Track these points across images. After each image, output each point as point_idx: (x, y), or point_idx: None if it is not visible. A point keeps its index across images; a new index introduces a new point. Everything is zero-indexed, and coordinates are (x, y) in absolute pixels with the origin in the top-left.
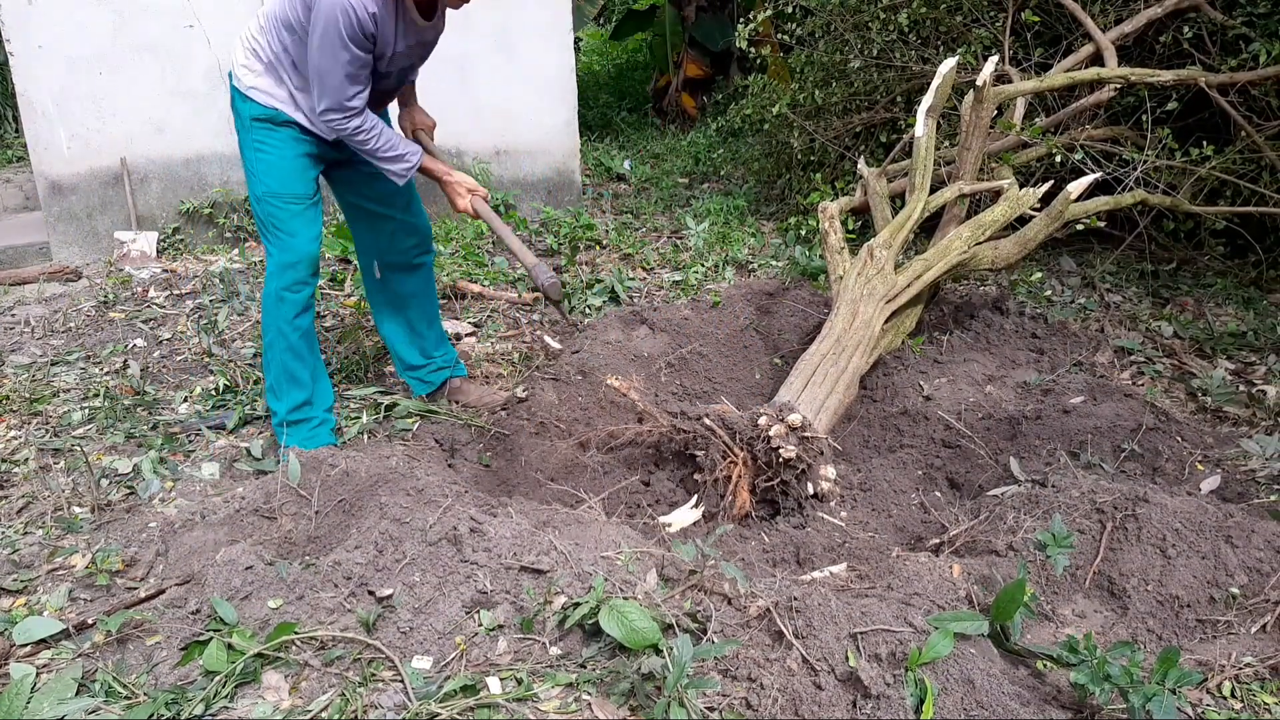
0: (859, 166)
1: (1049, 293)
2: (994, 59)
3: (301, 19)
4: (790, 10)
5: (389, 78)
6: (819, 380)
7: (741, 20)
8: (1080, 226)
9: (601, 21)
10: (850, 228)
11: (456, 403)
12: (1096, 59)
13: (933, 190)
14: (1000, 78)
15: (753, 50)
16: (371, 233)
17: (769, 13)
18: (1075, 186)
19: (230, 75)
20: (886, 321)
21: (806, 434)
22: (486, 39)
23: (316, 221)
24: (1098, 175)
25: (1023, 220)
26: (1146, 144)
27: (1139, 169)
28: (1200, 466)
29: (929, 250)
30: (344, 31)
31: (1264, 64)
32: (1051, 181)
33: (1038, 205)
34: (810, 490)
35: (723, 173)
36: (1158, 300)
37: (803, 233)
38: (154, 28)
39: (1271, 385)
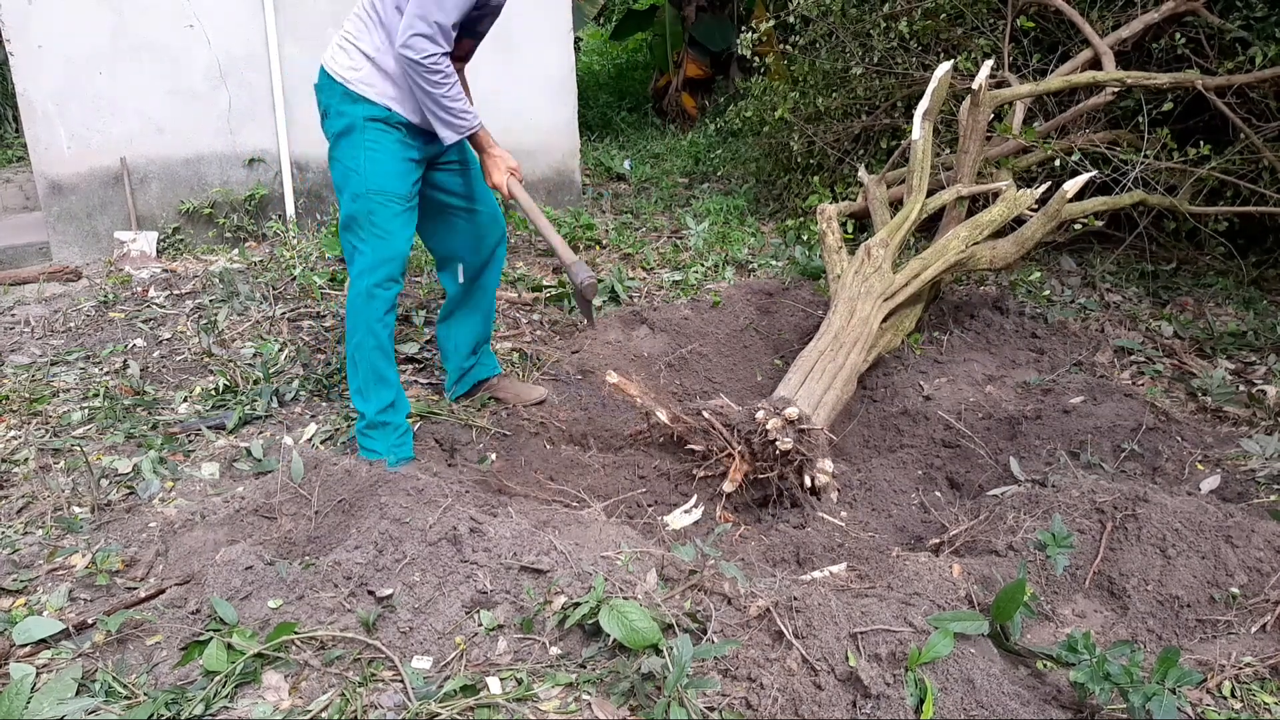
0: (860, 173)
1: (1048, 292)
2: (989, 62)
3: None
4: (792, 21)
5: (477, 29)
6: (817, 376)
7: (745, 29)
8: (1078, 227)
9: (601, 21)
10: (850, 231)
11: (495, 399)
12: (1095, 64)
13: (932, 194)
14: (1000, 84)
15: (755, 58)
16: (458, 232)
17: (771, 23)
18: (1071, 185)
19: (327, 77)
20: (885, 320)
21: (803, 427)
22: (486, 39)
23: (412, 224)
24: (1092, 174)
25: (1021, 221)
26: (1144, 146)
27: (1137, 169)
28: (1200, 466)
29: (927, 250)
30: None
31: (1260, 66)
32: (1049, 183)
33: (1035, 206)
34: (808, 483)
35: (722, 173)
36: (1158, 300)
37: (803, 237)
38: (154, 28)
39: (1271, 385)
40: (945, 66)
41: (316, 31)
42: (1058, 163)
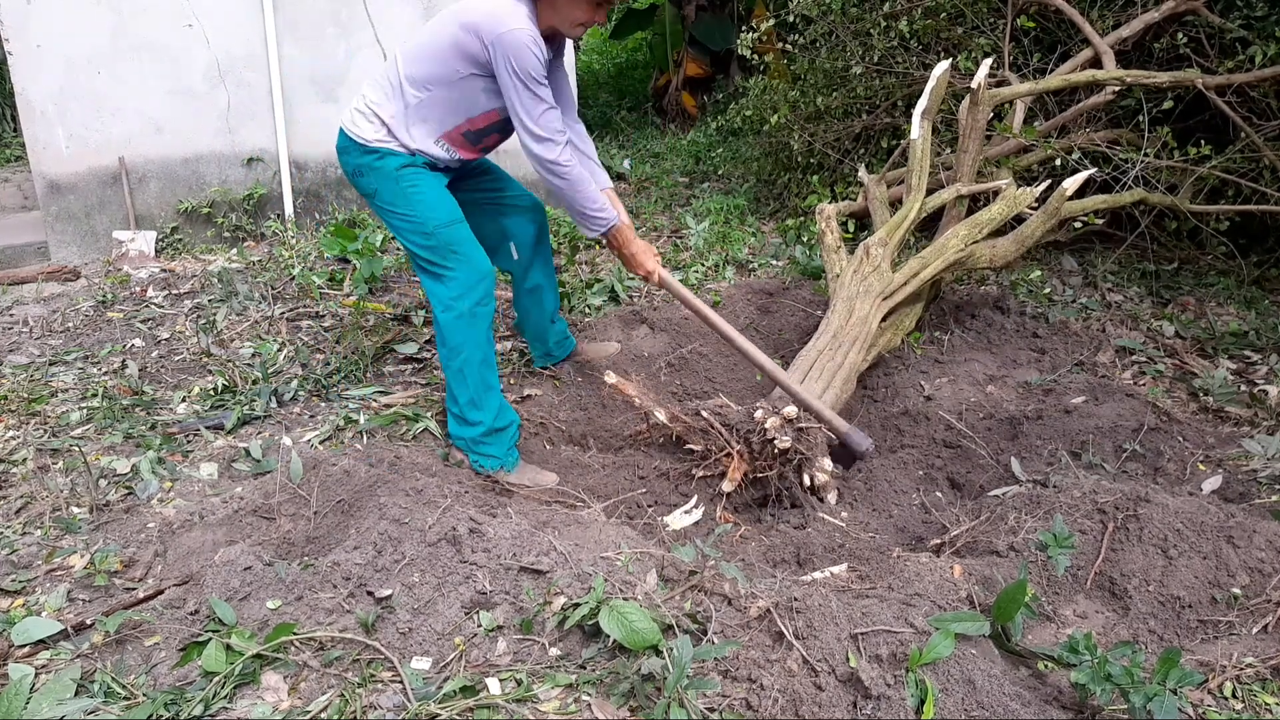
0: (860, 174)
1: (1049, 291)
2: (987, 61)
3: (461, 70)
4: (793, 21)
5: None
6: (816, 375)
7: (745, 28)
8: (1078, 225)
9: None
10: (851, 231)
11: (578, 362)
12: (1095, 64)
13: (932, 193)
14: (1000, 83)
15: (755, 57)
16: (502, 217)
17: (771, 22)
18: (1070, 183)
19: (350, 141)
20: (884, 319)
21: (802, 425)
22: None
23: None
24: (1091, 171)
25: (1021, 220)
26: (1145, 144)
27: (1137, 168)
28: (1202, 466)
29: (926, 249)
30: (534, 65)
31: (1260, 65)
32: (1050, 182)
33: (1035, 204)
34: (807, 482)
35: (722, 172)
36: (1159, 300)
37: (804, 237)
38: (153, 28)
39: (1273, 385)
40: (943, 65)
41: (316, 31)
42: (1058, 162)
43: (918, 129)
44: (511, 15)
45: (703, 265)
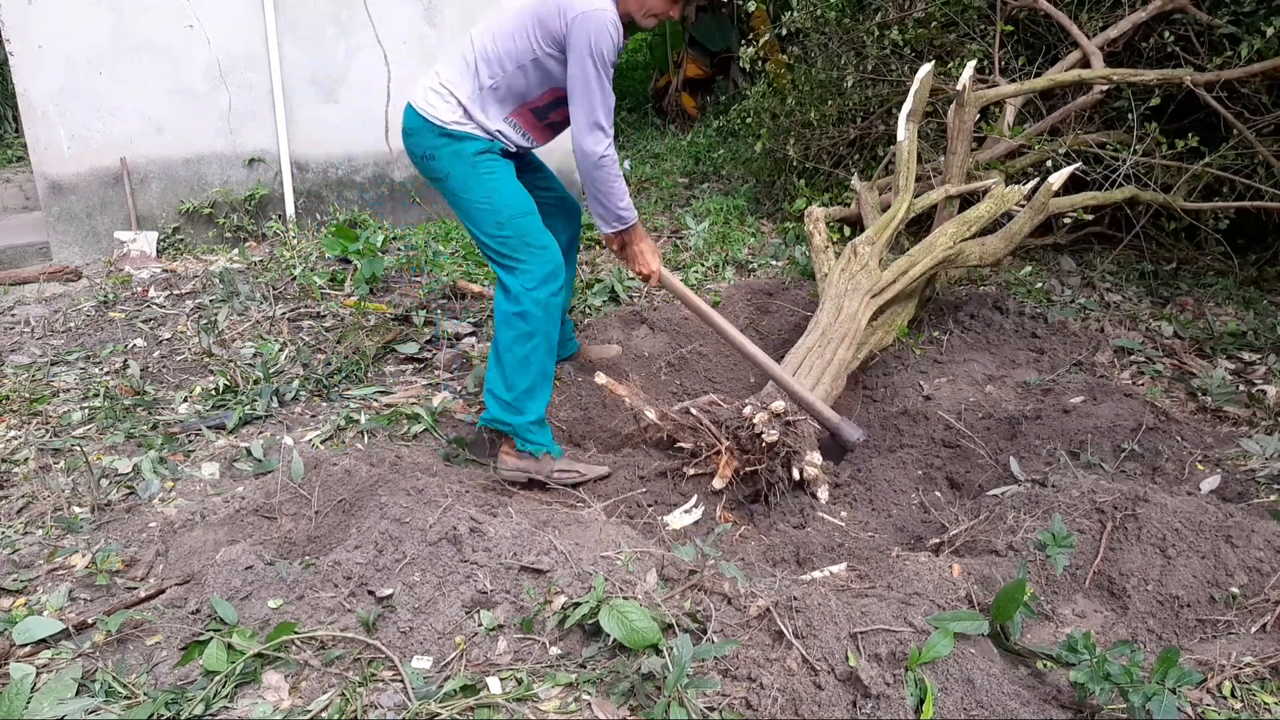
0: (853, 182)
1: (1040, 285)
2: (971, 63)
3: (537, 49)
4: (788, 33)
5: None
6: (805, 371)
7: (744, 42)
8: (1067, 221)
9: None
10: (846, 233)
11: (580, 362)
12: (1084, 65)
13: (922, 195)
14: (991, 87)
15: (756, 60)
16: (549, 215)
17: (768, 36)
18: (1056, 178)
19: (423, 121)
20: (875, 318)
21: (790, 419)
22: None
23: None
24: (1077, 165)
25: (1012, 218)
26: (1134, 141)
27: (1126, 164)
28: (1200, 466)
29: (914, 248)
30: (611, 48)
31: (1247, 59)
32: (1038, 180)
33: (1023, 201)
34: (796, 476)
35: (723, 172)
36: (1157, 300)
37: (802, 239)
38: (154, 28)
39: (1271, 385)
40: (926, 68)
41: (316, 32)
42: (1049, 163)
43: (904, 131)
44: None
45: (703, 265)
